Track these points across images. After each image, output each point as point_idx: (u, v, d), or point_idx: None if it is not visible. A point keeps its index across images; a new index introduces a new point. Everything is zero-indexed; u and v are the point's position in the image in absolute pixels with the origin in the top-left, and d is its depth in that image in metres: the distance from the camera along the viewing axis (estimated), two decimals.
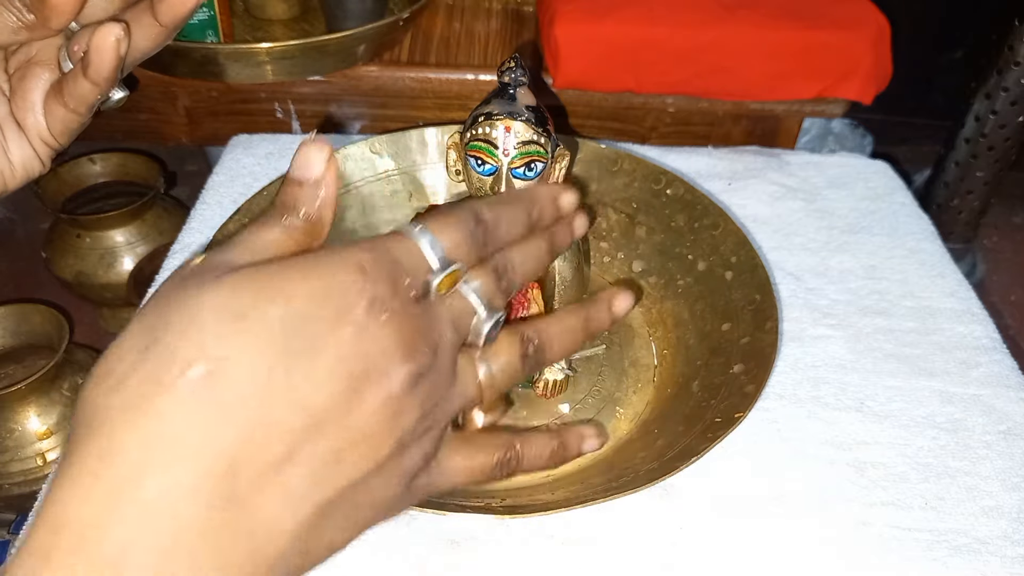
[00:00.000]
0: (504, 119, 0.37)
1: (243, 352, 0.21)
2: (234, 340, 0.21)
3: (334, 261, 0.23)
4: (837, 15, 0.65)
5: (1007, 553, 0.38)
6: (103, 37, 0.29)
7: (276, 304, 0.22)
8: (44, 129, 0.34)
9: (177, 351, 0.21)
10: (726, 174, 0.61)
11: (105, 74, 0.30)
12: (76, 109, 0.32)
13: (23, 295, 0.82)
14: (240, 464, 0.21)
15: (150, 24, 0.31)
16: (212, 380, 0.21)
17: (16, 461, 0.62)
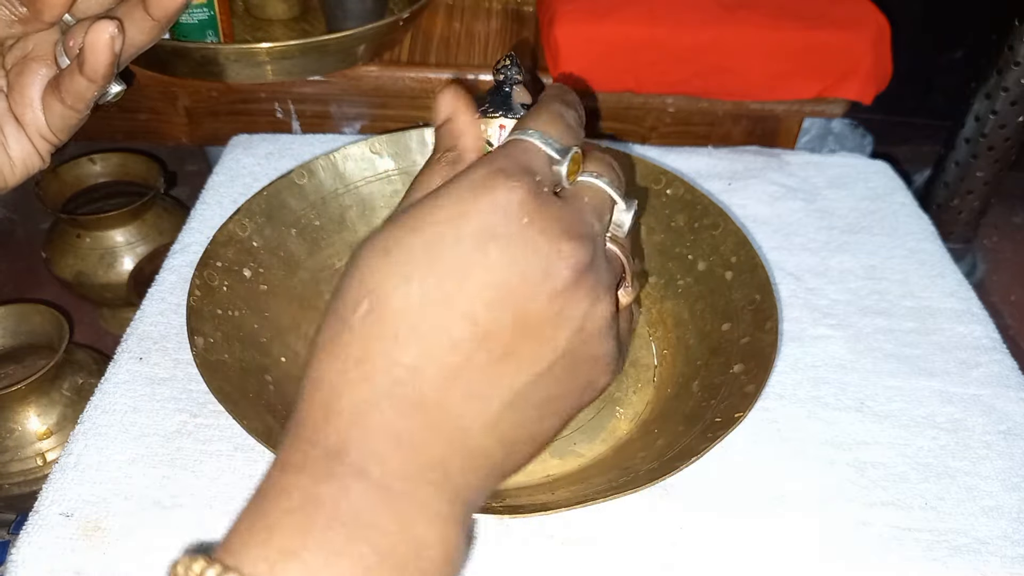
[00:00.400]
0: (499, 117, 0.37)
1: (389, 280, 0.25)
2: (382, 272, 0.25)
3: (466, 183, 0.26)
4: (837, 15, 0.65)
5: (1007, 553, 0.38)
6: (97, 35, 0.30)
7: (418, 233, 0.25)
8: (43, 125, 0.34)
9: (348, 293, 0.25)
10: (726, 174, 0.61)
11: (101, 71, 0.31)
12: (74, 105, 0.33)
13: (23, 295, 0.82)
14: (421, 373, 0.24)
15: (143, 18, 0.31)
16: (375, 310, 0.24)
17: (16, 461, 0.62)
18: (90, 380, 0.66)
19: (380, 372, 0.24)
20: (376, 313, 0.25)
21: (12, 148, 0.34)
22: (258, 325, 0.45)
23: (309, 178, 0.51)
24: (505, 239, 0.25)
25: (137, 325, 0.47)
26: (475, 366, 0.25)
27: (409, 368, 0.24)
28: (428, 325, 0.24)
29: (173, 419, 0.42)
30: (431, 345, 0.24)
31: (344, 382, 0.24)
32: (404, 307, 0.25)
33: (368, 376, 0.24)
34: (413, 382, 0.24)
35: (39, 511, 0.37)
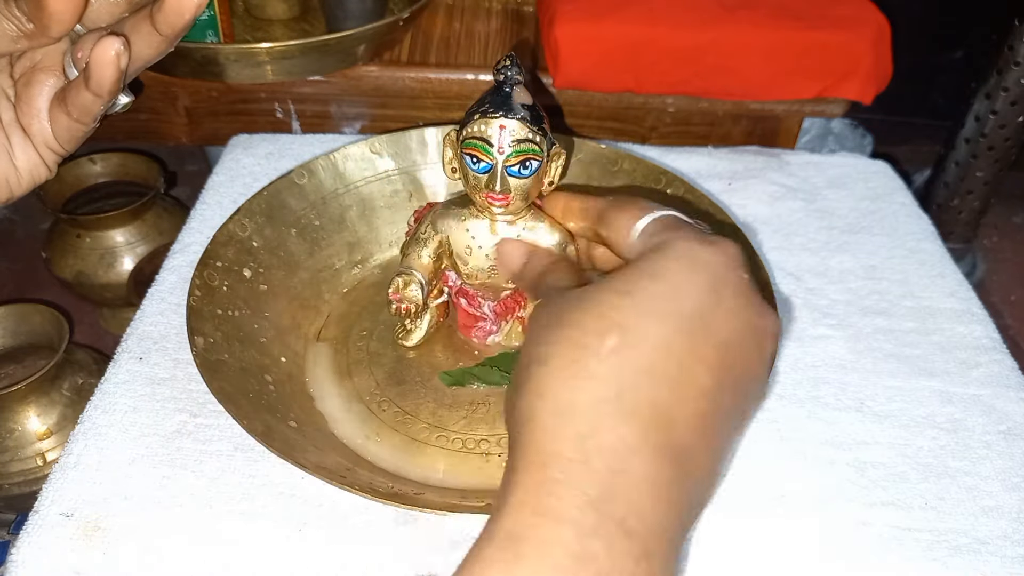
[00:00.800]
0: (499, 117, 0.37)
1: (637, 318, 0.25)
2: (626, 310, 0.25)
3: (687, 242, 0.27)
4: (837, 15, 0.65)
5: (1007, 553, 0.38)
6: (103, 51, 0.29)
7: (658, 280, 0.26)
8: (49, 136, 0.33)
9: (586, 323, 0.25)
10: (726, 174, 0.61)
11: (107, 87, 0.30)
12: (80, 119, 0.32)
13: (23, 295, 0.82)
14: (677, 418, 0.24)
15: (150, 33, 0.30)
16: (628, 345, 0.24)
17: (16, 461, 0.62)
18: (90, 380, 0.66)
19: (641, 414, 0.23)
20: (628, 345, 0.24)
21: (18, 158, 0.34)
22: (258, 325, 0.45)
23: (309, 178, 0.51)
24: (734, 288, 0.26)
25: (137, 325, 0.47)
26: (713, 416, 0.25)
27: (666, 412, 0.24)
28: (679, 369, 0.24)
29: (173, 419, 0.42)
30: (683, 390, 0.24)
31: (601, 417, 0.23)
32: (658, 346, 0.24)
33: (628, 417, 0.23)
34: (671, 428, 0.24)
35: (39, 511, 0.37)
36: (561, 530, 0.22)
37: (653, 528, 0.22)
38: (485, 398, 0.44)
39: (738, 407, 0.26)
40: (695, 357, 0.25)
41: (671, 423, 0.24)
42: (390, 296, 0.42)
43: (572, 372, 0.24)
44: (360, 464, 0.40)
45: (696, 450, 0.24)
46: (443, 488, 0.39)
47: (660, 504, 0.23)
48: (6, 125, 0.34)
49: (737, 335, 0.26)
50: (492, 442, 0.42)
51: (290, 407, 0.41)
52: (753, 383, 0.27)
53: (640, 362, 0.24)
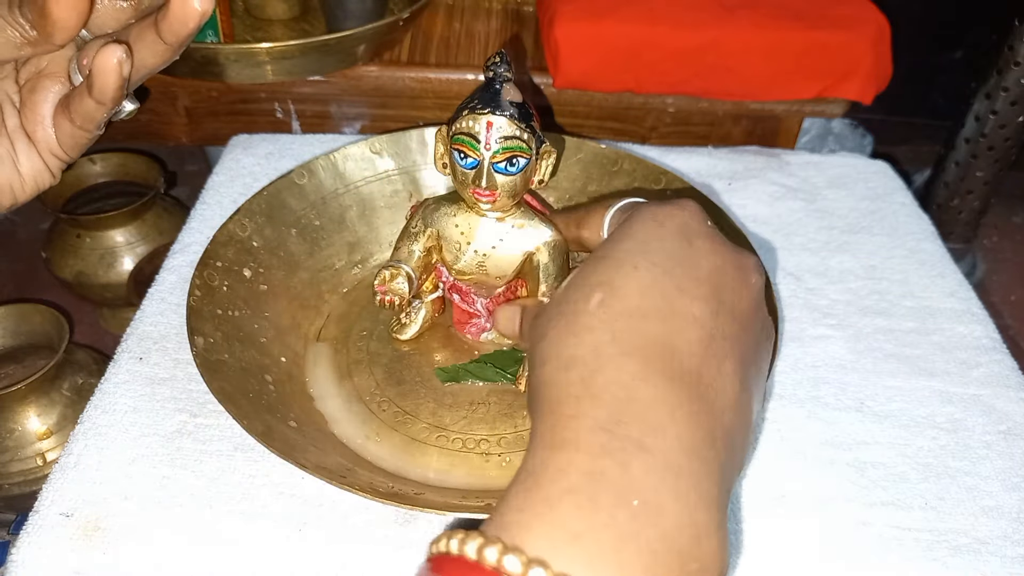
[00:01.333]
0: (487, 113, 0.37)
1: (616, 272, 0.27)
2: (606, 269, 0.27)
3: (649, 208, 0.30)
4: (837, 15, 0.65)
5: (1007, 553, 0.38)
6: (105, 59, 0.29)
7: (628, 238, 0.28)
8: (54, 142, 0.33)
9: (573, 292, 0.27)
10: (726, 174, 0.61)
11: (109, 94, 0.30)
12: (83, 126, 0.32)
13: (23, 295, 0.82)
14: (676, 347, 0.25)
15: (155, 41, 0.30)
16: (613, 296, 0.26)
17: (16, 461, 0.62)
18: (90, 380, 0.66)
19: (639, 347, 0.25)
20: (614, 297, 0.26)
21: (23, 164, 0.34)
22: (258, 325, 0.45)
23: (309, 178, 0.51)
24: (702, 235, 0.29)
25: (137, 325, 0.47)
26: (716, 342, 0.26)
27: (664, 342, 0.25)
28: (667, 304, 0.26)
29: (173, 419, 0.42)
30: (677, 322, 0.26)
31: (603, 358, 0.24)
32: (641, 289, 0.26)
33: (628, 351, 0.25)
34: (672, 356, 0.25)
35: (39, 511, 0.37)
36: (574, 455, 0.22)
37: (674, 444, 0.23)
38: (485, 398, 0.44)
39: (739, 335, 0.27)
40: (679, 291, 0.26)
41: (671, 351, 0.25)
42: (376, 288, 0.42)
43: (568, 331, 0.26)
44: (360, 464, 0.40)
45: (706, 372, 0.25)
46: (443, 488, 0.39)
47: (677, 423, 0.23)
48: (11, 131, 0.33)
49: (717, 269, 0.28)
50: (492, 442, 0.42)
51: (290, 407, 0.41)
52: (747, 313, 0.28)
53: (628, 305, 0.26)
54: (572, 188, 0.53)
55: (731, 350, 0.26)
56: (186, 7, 0.28)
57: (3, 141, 0.33)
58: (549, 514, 0.21)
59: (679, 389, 0.24)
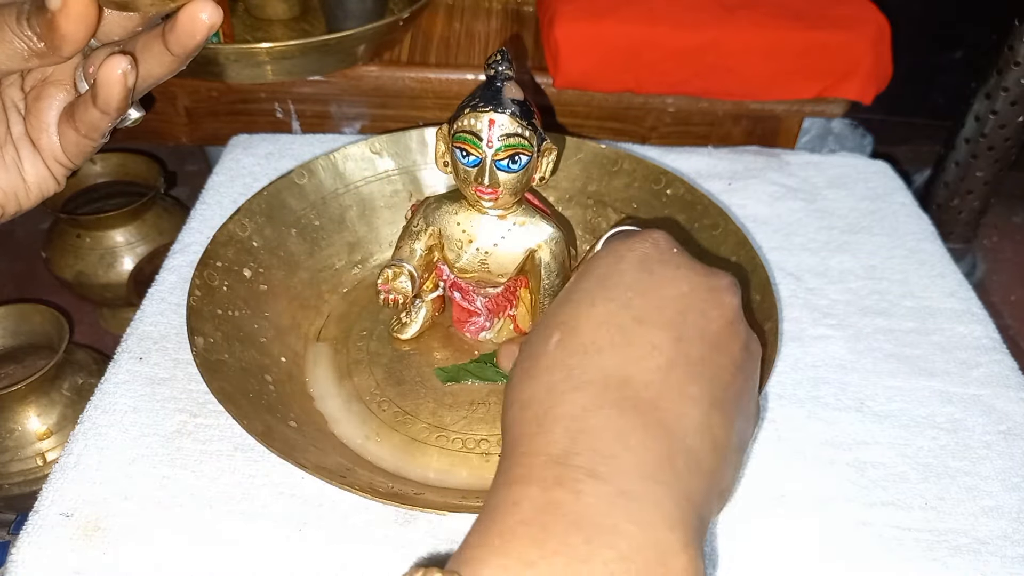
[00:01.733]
0: (488, 111, 0.37)
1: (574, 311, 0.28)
2: (565, 309, 0.28)
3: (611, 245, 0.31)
4: (837, 15, 0.65)
5: (1007, 553, 0.38)
6: (110, 70, 0.29)
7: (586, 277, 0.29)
8: (58, 150, 0.33)
9: (537, 334, 0.29)
10: (726, 174, 0.61)
11: (114, 104, 0.30)
12: (88, 135, 0.32)
13: (23, 295, 0.82)
14: (631, 377, 0.25)
15: (161, 52, 0.30)
16: (569, 334, 0.27)
17: (16, 461, 0.62)
18: (90, 380, 0.66)
19: (591, 381, 0.25)
20: (571, 336, 0.27)
21: (27, 171, 0.34)
22: (258, 325, 0.45)
23: (309, 178, 0.51)
24: (665, 263, 0.29)
25: (137, 325, 0.47)
26: (678, 367, 0.26)
27: (617, 374, 0.26)
28: (623, 335, 0.26)
29: (173, 419, 0.42)
30: (633, 352, 0.26)
31: (555, 395, 0.25)
32: (596, 325, 0.27)
33: (580, 386, 0.25)
34: (626, 385, 0.25)
35: (39, 511, 0.37)
36: (527, 489, 0.23)
37: (627, 470, 0.23)
38: (485, 398, 0.44)
39: (712, 357, 0.28)
40: (637, 321, 0.27)
41: (625, 381, 0.25)
42: (379, 287, 0.42)
43: (527, 374, 0.27)
44: (360, 464, 0.40)
45: (665, 397, 0.25)
46: (443, 488, 0.39)
47: (629, 449, 0.24)
48: (16, 138, 0.33)
49: (681, 295, 0.28)
50: (492, 442, 0.42)
51: (290, 407, 0.41)
52: (721, 334, 0.28)
53: (582, 341, 0.27)
54: (572, 188, 0.53)
55: (698, 373, 0.27)
56: (195, 20, 0.28)
57: (8, 148, 0.33)
58: (504, 546, 0.22)
59: (631, 417, 0.25)
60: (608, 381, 0.25)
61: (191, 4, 0.28)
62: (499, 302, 0.45)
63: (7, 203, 0.34)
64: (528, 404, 0.26)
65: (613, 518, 0.22)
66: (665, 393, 0.26)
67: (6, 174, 0.33)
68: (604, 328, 0.27)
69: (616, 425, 0.24)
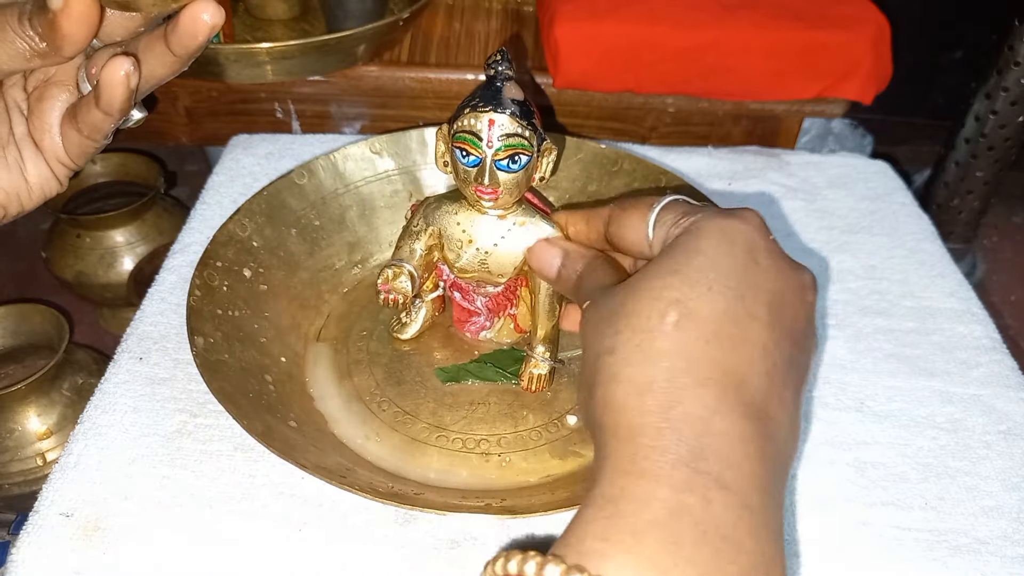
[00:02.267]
0: (488, 111, 0.37)
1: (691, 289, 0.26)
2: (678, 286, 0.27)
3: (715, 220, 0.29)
4: (837, 15, 0.65)
5: (1007, 553, 0.38)
6: (112, 72, 0.29)
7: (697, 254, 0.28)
8: (61, 151, 0.33)
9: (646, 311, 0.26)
10: (726, 174, 0.61)
11: (117, 106, 0.30)
12: (90, 136, 0.32)
13: (23, 295, 0.82)
14: (748, 378, 0.25)
15: (164, 53, 0.30)
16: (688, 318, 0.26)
17: (16, 461, 0.62)
18: (90, 380, 0.66)
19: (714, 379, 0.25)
20: (689, 321, 0.26)
21: (30, 172, 0.33)
22: (258, 325, 0.45)
23: (309, 178, 0.51)
24: (767, 252, 0.29)
25: (137, 325, 0.47)
26: (779, 370, 0.26)
27: (735, 373, 0.25)
28: (740, 332, 0.26)
29: (173, 419, 0.42)
30: (747, 350, 0.26)
31: (678, 387, 0.25)
32: (716, 315, 0.26)
33: (703, 382, 0.25)
34: (744, 388, 0.25)
35: (39, 511, 0.37)
36: (657, 488, 0.22)
37: (749, 481, 0.23)
38: (485, 398, 0.44)
39: (796, 357, 0.27)
40: (750, 317, 0.26)
41: (743, 382, 0.25)
42: (379, 287, 0.42)
43: (643, 353, 0.25)
44: (360, 464, 0.40)
45: (770, 403, 0.25)
46: (443, 488, 0.39)
47: (749, 459, 0.24)
48: (18, 139, 0.33)
49: (779, 290, 0.28)
50: (492, 442, 0.42)
51: (290, 407, 0.41)
52: (803, 332, 0.28)
53: (703, 331, 0.26)
54: (572, 188, 0.53)
55: (790, 376, 0.27)
56: (196, 21, 0.28)
57: (11, 149, 0.33)
58: (636, 546, 0.21)
59: (750, 424, 0.24)
60: (727, 380, 0.25)
61: (193, 4, 0.28)
62: (499, 302, 0.45)
63: (9, 204, 0.34)
64: (647, 390, 0.25)
65: (738, 531, 0.22)
66: (772, 399, 0.25)
67: (8, 175, 0.33)
68: (723, 319, 0.26)
69: (740, 432, 0.24)
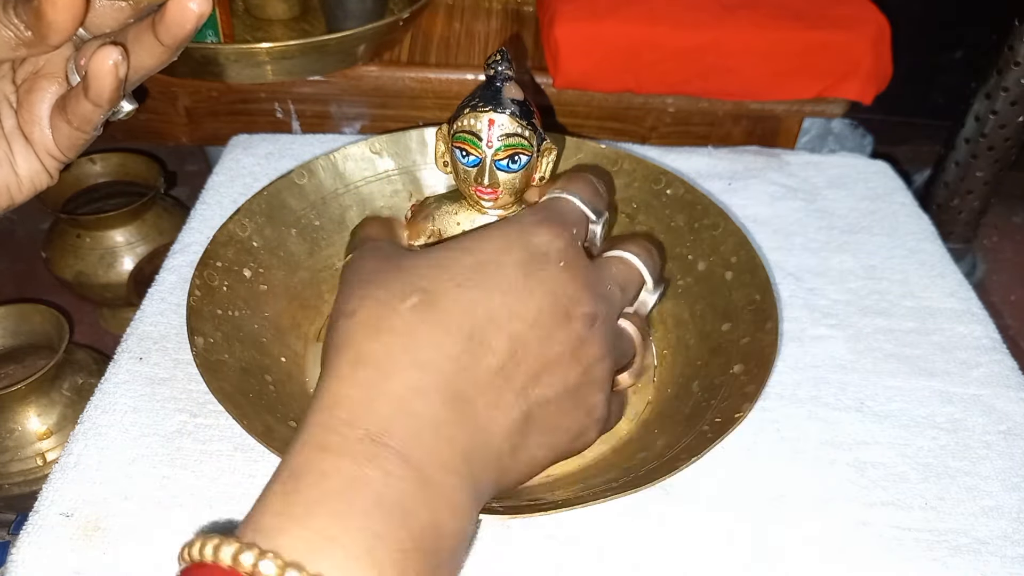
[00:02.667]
0: (488, 111, 0.38)
1: (441, 283, 0.27)
2: (433, 276, 0.28)
3: (515, 225, 0.30)
4: (837, 15, 0.65)
5: (1007, 553, 0.38)
6: (100, 61, 0.29)
7: (469, 253, 0.29)
8: (51, 143, 0.33)
9: (392, 285, 0.28)
10: (726, 174, 0.61)
11: (106, 96, 0.30)
12: (80, 127, 0.32)
13: (23, 295, 0.82)
14: (466, 370, 0.26)
15: (152, 43, 0.30)
16: (427, 304, 0.27)
17: (16, 461, 0.62)
18: (90, 380, 0.66)
19: (431, 362, 0.26)
20: (428, 306, 0.27)
21: (20, 165, 0.33)
22: (258, 325, 0.44)
23: (309, 178, 0.51)
24: (542, 276, 0.29)
25: (137, 325, 0.47)
26: (506, 375, 0.27)
27: (456, 362, 0.26)
28: (476, 327, 0.27)
29: (173, 419, 0.42)
30: (477, 346, 0.27)
31: (393, 365, 0.26)
32: (455, 308, 0.27)
33: (418, 363, 0.26)
34: (459, 376, 0.26)
35: (39, 511, 0.37)
36: (339, 461, 0.23)
37: (433, 460, 0.24)
38: None
39: (543, 377, 0.28)
40: (489, 319, 0.27)
41: (460, 372, 0.26)
42: None
43: (373, 326, 0.26)
44: None
45: (484, 399, 0.26)
46: None
47: (438, 439, 0.25)
48: (8, 132, 0.33)
49: (539, 311, 0.28)
50: None
51: (290, 407, 0.41)
52: (560, 359, 0.29)
53: (438, 319, 0.27)
54: None
55: (522, 387, 0.28)
56: (184, 10, 0.28)
57: (0, 143, 0.33)
58: (307, 519, 0.22)
59: (449, 410, 0.25)
60: (443, 367, 0.26)
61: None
62: None
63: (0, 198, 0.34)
64: (363, 362, 0.26)
65: (413, 502, 0.23)
66: (487, 395, 0.27)
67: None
68: (458, 314, 0.27)
69: (434, 414, 0.25)
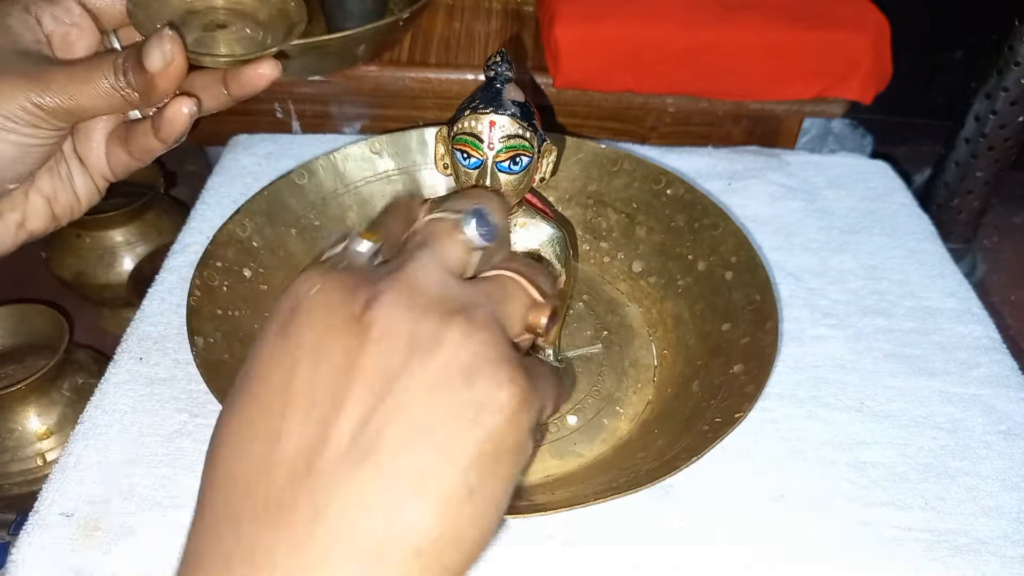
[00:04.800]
0: (489, 113, 0.37)
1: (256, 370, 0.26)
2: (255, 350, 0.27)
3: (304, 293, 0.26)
4: (837, 15, 0.65)
5: (1007, 553, 0.38)
6: (176, 109, 0.33)
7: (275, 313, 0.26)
8: (105, 167, 0.37)
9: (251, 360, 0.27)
10: (726, 174, 0.61)
11: (175, 138, 0.34)
12: (140, 158, 0.36)
13: (23, 295, 0.82)
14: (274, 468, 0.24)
15: (220, 94, 0.35)
16: (246, 382, 0.27)
17: (16, 461, 0.62)
18: (90, 380, 0.66)
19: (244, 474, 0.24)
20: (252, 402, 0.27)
21: (78, 187, 0.37)
22: (258, 325, 0.45)
23: (309, 178, 0.51)
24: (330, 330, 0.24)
25: (137, 325, 0.47)
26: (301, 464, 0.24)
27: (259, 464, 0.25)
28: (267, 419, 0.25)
29: (173, 419, 0.42)
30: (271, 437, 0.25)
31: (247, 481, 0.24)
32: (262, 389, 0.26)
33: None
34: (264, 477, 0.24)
35: (39, 511, 0.37)
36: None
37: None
38: None
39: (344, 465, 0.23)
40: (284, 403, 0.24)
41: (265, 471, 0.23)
42: None
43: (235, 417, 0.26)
44: None
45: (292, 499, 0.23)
46: None
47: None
48: (67, 156, 0.36)
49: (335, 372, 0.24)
50: None
51: None
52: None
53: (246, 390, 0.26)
54: (572, 188, 0.53)
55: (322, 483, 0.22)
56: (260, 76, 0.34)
57: (62, 165, 0.36)
58: None
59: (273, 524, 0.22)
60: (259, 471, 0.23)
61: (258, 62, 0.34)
62: None
63: (63, 215, 0.37)
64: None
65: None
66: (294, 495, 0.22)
67: (64, 190, 0.36)
68: (256, 404, 0.25)
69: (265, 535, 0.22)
